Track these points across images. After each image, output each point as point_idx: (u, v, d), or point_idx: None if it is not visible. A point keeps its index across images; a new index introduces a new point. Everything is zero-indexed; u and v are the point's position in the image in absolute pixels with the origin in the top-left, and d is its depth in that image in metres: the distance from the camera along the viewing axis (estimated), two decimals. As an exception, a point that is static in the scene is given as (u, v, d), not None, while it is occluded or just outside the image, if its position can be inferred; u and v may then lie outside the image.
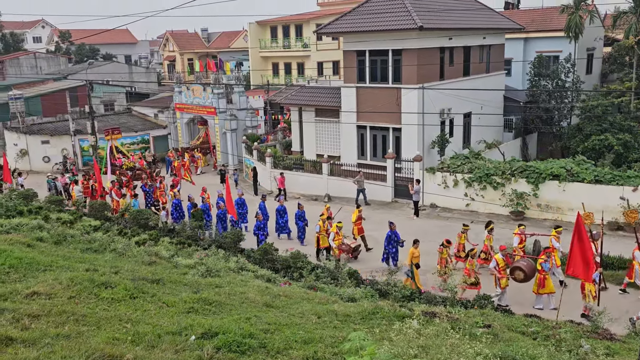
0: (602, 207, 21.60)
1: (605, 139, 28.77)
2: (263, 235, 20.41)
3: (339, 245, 18.73)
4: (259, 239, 20.13)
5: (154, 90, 56.86)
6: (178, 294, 9.22)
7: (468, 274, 15.62)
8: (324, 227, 19.53)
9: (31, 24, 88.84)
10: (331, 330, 8.02)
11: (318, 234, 19.68)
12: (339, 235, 18.76)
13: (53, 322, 7.05)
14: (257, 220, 20.56)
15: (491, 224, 18.32)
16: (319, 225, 19.63)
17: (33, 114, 43.04)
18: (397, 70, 26.53)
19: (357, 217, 20.44)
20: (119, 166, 30.14)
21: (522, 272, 14.81)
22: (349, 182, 27.24)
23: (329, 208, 20.98)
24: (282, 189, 27.94)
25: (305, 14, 52.66)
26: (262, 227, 20.57)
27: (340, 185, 27.78)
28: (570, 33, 32.96)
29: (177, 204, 23.63)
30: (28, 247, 11.45)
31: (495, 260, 15.23)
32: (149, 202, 26.51)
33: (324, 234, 19.46)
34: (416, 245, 16.41)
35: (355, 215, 20.51)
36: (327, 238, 19.29)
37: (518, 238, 17.42)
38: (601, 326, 10.48)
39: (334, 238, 18.65)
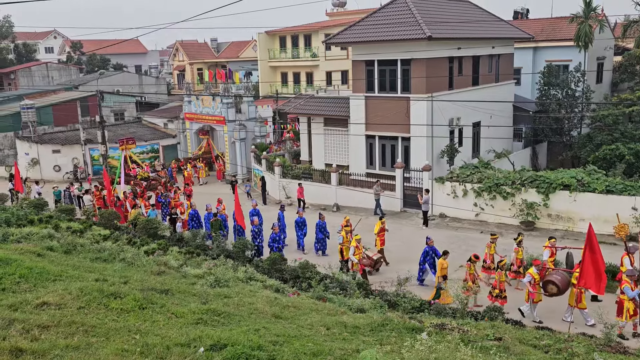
0: (613, 217, 21.46)
1: (617, 148, 28.55)
2: (277, 248, 19.68)
3: (360, 259, 18.07)
4: (273, 252, 19.23)
5: (164, 99, 57.24)
6: (187, 304, 9.20)
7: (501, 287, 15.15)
8: (347, 238, 19.05)
9: (43, 34, 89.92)
10: (340, 342, 7.97)
11: (341, 245, 19.12)
12: (359, 249, 18.05)
13: (62, 333, 7.06)
14: (272, 232, 19.91)
15: (520, 235, 17.69)
16: (342, 236, 19.18)
17: (44, 123, 43.46)
18: (406, 80, 26.53)
19: (379, 229, 19.81)
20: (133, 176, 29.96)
21: (555, 285, 14.19)
22: (357, 192, 27.18)
23: (348, 220, 20.27)
24: (302, 200, 27.42)
25: (314, 24, 52.87)
26: (278, 239, 19.88)
27: (348, 194, 27.72)
28: (580, 42, 32.86)
29: (194, 214, 23.22)
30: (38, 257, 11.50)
31: (530, 274, 14.58)
32: (165, 212, 26.20)
33: (347, 245, 18.87)
34: (445, 256, 15.93)
35: (377, 227, 19.86)
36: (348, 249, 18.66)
37: (548, 251, 16.65)
38: (614, 339, 10.34)
39: (354, 252, 17.96)
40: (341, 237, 19.24)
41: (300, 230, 21.53)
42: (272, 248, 19.57)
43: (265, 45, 53.93)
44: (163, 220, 25.10)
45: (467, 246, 21.33)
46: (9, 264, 9.93)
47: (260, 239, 20.37)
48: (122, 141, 31.24)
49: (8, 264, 9.93)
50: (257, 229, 20.45)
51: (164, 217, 25.64)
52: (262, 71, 54.44)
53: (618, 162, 28.05)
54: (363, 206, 26.91)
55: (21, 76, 64.37)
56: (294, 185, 29.71)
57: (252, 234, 20.43)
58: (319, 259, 19.74)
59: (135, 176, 30.00)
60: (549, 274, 14.95)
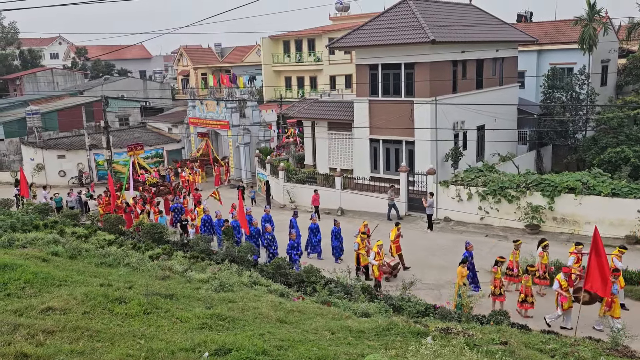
0: (619, 220, 21.39)
1: (622, 151, 28.44)
2: (297, 255, 19.29)
3: (380, 265, 17.68)
4: (292, 259, 18.91)
5: (168, 104, 57.42)
6: (191, 309, 9.20)
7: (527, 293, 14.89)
8: (362, 245, 18.65)
9: (48, 40, 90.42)
10: (345, 346, 7.94)
11: (357, 252, 18.74)
12: (380, 255, 17.68)
13: (67, 338, 7.06)
14: (290, 239, 19.44)
15: (545, 241, 17.23)
16: (357, 242, 18.79)
17: (49, 129, 43.65)
18: (409, 83, 26.54)
19: (395, 235, 19.51)
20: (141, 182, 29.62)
21: (587, 293, 13.69)
22: (362, 196, 27.16)
23: (366, 225, 19.95)
24: (316, 207, 26.73)
25: (318, 28, 52.99)
26: (296, 246, 19.43)
27: (353, 199, 27.70)
28: (584, 45, 32.79)
29: (207, 219, 22.78)
30: (43, 262, 11.53)
31: (558, 281, 14.27)
32: (176, 219, 25.63)
33: (363, 252, 18.55)
34: (464, 264, 15.58)
35: (394, 233, 19.56)
36: (366, 256, 18.42)
37: (574, 257, 16.09)
38: (621, 343, 10.26)
39: (375, 258, 17.56)
40: (357, 243, 18.80)
41: (314, 236, 21.04)
42: (291, 255, 18.99)
43: (269, 50, 54.07)
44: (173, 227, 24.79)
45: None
46: (14, 269, 9.95)
47: (274, 246, 19.85)
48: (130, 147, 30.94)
49: (13, 269, 9.95)
50: (270, 236, 19.92)
51: (175, 224, 25.24)
52: (266, 76, 54.56)
53: (623, 164, 27.93)
54: (367, 210, 26.87)
55: (26, 82, 64.73)
56: (298, 190, 29.73)
57: (267, 242, 19.95)
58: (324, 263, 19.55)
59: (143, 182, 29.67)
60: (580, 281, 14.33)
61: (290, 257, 18.89)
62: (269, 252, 19.52)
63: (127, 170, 29.30)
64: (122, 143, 41.18)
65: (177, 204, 26.35)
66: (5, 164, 43.62)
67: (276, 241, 20.01)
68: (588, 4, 33.42)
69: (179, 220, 24.56)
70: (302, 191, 29.71)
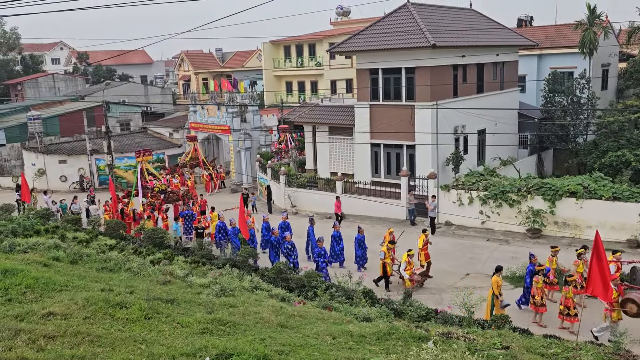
0: (620, 224, 21.37)
1: (623, 155, 28.44)
2: (324, 262, 18.66)
3: (411, 275, 17.13)
4: (320, 266, 18.39)
5: (169, 109, 57.55)
6: (192, 314, 9.19)
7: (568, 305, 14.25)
8: (389, 254, 18.10)
9: (50, 46, 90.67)
10: (346, 351, 7.93)
11: (383, 261, 18.09)
12: (410, 264, 17.08)
13: (68, 343, 7.05)
14: (317, 247, 18.87)
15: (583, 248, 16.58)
16: (384, 251, 18.15)
17: (51, 134, 43.78)
18: (410, 88, 26.58)
19: (424, 243, 18.92)
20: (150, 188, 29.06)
21: (635, 304, 13.07)
22: (362, 200, 27.16)
23: (392, 232, 19.30)
24: (340, 214, 26.25)
25: (319, 33, 53.11)
26: (323, 253, 18.79)
27: (354, 203, 27.69)
28: (584, 49, 32.85)
29: (222, 226, 22.19)
30: (44, 267, 11.52)
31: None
32: (188, 226, 25.04)
33: (389, 261, 18.03)
34: (499, 272, 15.00)
35: (421, 241, 18.96)
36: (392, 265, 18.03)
37: (614, 266, 15.50)
38: (623, 348, 10.23)
39: (406, 268, 16.95)
40: (383, 252, 18.17)
41: (337, 244, 20.35)
42: (319, 263, 18.47)
43: (269, 55, 54.19)
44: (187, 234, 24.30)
45: (473, 254, 21.28)
46: (15, 274, 9.95)
47: (295, 254, 19.44)
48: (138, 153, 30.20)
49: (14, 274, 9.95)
50: (290, 245, 19.43)
51: (189, 231, 24.77)
52: (267, 80, 54.67)
53: (624, 168, 27.94)
54: (368, 214, 26.86)
55: (28, 87, 64.94)
56: (299, 194, 29.74)
57: (286, 251, 19.45)
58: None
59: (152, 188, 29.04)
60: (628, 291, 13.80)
61: (318, 264, 18.45)
62: (290, 262, 18.94)
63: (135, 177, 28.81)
64: (124, 148, 41.26)
65: (187, 210, 25.83)
66: (7, 169, 43.70)
67: (296, 250, 19.59)
68: (588, 8, 33.51)
69: (196, 229, 23.67)
70: (303, 196, 29.73)
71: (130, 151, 40.70)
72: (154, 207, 26.27)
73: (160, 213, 25.65)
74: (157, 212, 25.78)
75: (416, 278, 17.27)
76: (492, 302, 14.60)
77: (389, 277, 18.11)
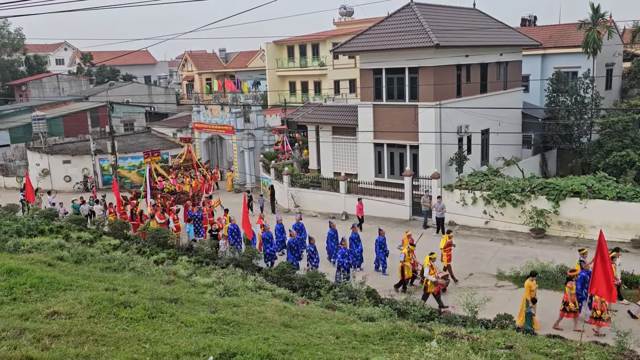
0: (624, 224, 21.31)
1: (627, 155, 28.35)
2: (348, 264, 18.29)
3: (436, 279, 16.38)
4: (345, 268, 18.06)
5: (173, 109, 57.66)
6: (196, 313, 9.21)
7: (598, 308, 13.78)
8: (409, 256, 17.66)
9: (54, 46, 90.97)
10: (350, 351, 7.94)
11: (402, 263, 17.65)
12: (434, 268, 16.38)
13: (73, 342, 7.09)
14: (341, 247, 18.43)
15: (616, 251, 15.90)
16: (404, 253, 17.67)
17: (55, 134, 43.92)
18: (413, 88, 26.55)
19: (446, 244, 18.42)
20: (160, 189, 28.75)
21: None
22: (366, 200, 27.13)
23: (410, 235, 18.75)
24: (361, 217, 25.45)
25: (322, 33, 53.11)
26: (347, 254, 18.38)
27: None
28: (588, 49, 32.77)
29: (234, 228, 21.91)
30: (49, 267, 11.57)
31: None
32: (198, 227, 24.89)
33: (409, 264, 17.62)
34: (533, 277, 14.48)
35: (444, 242, 18.50)
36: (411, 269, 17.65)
37: None
38: (627, 348, 10.21)
39: (430, 272, 16.20)
40: (403, 254, 17.70)
41: (355, 247, 19.72)
42: (343, 264, 18.07)
43: (273, 55, 54.23)
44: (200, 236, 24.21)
45: (476, 254, 21.25)
46: (20, 273, 10.01)
47: (316, 257, 19.05)
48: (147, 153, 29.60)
49: (19, 273, 10.01)
50: (312, 247, 18.96)
51: (200, 233, 24.69)
52: (270, 80, 54.70)
53: (628, 168, 27.86)
54: (372, 214, 26.84)
55: (32, 88, 65.16)
56: (303, 194, 29.76)
57: (308, 254, 19.12)
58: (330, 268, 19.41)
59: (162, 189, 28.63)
60: None
61: (341, 265, 18.12)
62: (312, 265, 18.66)
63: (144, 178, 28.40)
64: (127, 148, 41.36)
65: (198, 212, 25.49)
66: (12, 170, 43.85)
67: (318, 253, 19.28)
68: (592, 8, 33.42)
69: (210, 231, 23.34)
70: (306, 196, 29.75)
71: (134, 151, 40.84)
72: (165, 208, 25.86)
73: (170, 214, 25.32)
74: (168, 213, 25.40)
75: (441, 282, 16.56)
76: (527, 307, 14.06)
77: (408, 280, 17.64)
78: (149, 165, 28.19)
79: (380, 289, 16.87)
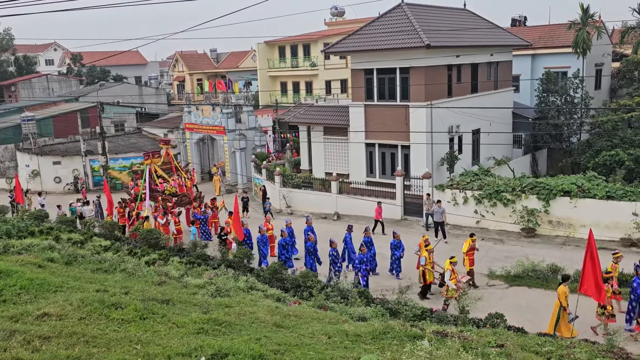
0: (614, 223, 21.49)
1: (616, 154, 28.59)
2: (365, 270, 17.83)
3: (456, 284, 15.96)
4: (362, 274, 17.63)
5: (164, 110, 57.39)
6: (188, 314, 9.19)
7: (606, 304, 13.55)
8: (429, 260, 17.25)
9: (43, 47, 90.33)
10: (342, 350, 7.95)
11: (424, 267, 17.13)
12: (455, 273, 15.99)
13: (63, 343, 7.05)
14: (360, 253, 17.96)
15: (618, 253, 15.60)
16: (425, 257, 17.12)
17: (45, 135, 43.60)
18: (405, 88, 26.63)
19: (469, 247, 17.92)
20: (161, 192, 27.69)
21: None
22: (357, 200, 27.21)
23: (426, 239, 18.12)
24: (379, 221, 24.42)
25: (313, 33, 53.14)
26: (365, 260, 17.91)
27: (349, 203, 27.73)
28: (578, 49, 33.02)
29: (245, 233, 21.43)
30: (39, 268, 11.51)
31: None
32: (204, 231, 24.56)
33: (430, 268, 17.27)
34: (565, 282, 13.78)
35: (467, 245, 17.98)
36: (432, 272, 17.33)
37: None
38: (617, 345, 10.29)
39: (451, 277, 15.83)
40: (424, 257, 17.15)
41: (368, 250, 19.06)
42: (360, 270, 17.69)
43: (264, 55, 54.18)
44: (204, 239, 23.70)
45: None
46: (10, 275, 9.94)
47: (339, 262, 18.59)
48: (147, 155, 28.68)
49: (9, 275, 9.94)
50: (335, 252, 18.40)
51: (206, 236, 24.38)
52: (262, 81, 54.65)
53: (618, 167, 28.09)
54: (363, 214, 26.89)
55: (22, 88, 64.65)
56: (295, 195, 29.75)
57: (332, 258, 18.47)
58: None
59: (162, 191, 28.13)
60: None
61: (359, 271, 17.68)
62: (334, 270, 18.19)
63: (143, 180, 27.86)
64: (118, 149, 41.15)
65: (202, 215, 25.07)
66: (1, 171, 43.51)
67: (340, 257, 18.86)
68: (582, 8, 33.67)
69: (219, 235, 22.74)
70: (298, 196, 29.75)
71: (125, 152, 40.63)
72: (166, 211, 25.41)
73: (173, 217, 24.99)
74: (170, 216, 25.02)
75: (462, 286, 16.09)
76: (559, 315, 13.48)
77: (429, 285, 17.23)
78: (149, 166, 27.79)
79: (373, 289, 16.95)
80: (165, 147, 32.27)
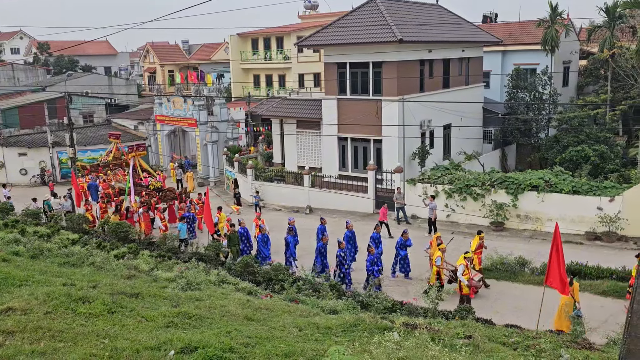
0: (579, 217, 22.02)
1: (582, 150, 29.26)
2: (378, 271, 17.14)
3: (469, 281, 15.44)
4: (374, 276, 16.83)
5: (134, 102, 56.44)
6: (157, 308, 9.10)
7: None
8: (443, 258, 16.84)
9: (9, 35, 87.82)
10: (312, 343, 7.98)
11: (439, 268, 16.72)
12: (468, 269, 15.47)
13: (28, 338, 6.91)
14: (369, 254, 17.09)
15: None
16: (440, 256, 16.68)
17: (10, 125, 42.44)
18: (377, 82, 26.74)
19: (477, 245, 17.58)
20: (145, 186, 26.87)
21: None
22: (330, 194, 27.27)
23: (439, 237, 17.70)
24: (384, 223, 23.10)
25: (287, 26, 52.86)
26: (376, 261, 17.14)
27: (321, 197, 27.77)
28: (546, 46, 33.67)
29: (242, 232, 20.36)
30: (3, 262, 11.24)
31: None
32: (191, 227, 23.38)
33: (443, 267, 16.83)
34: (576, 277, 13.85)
35: (475, 243, 17.64)
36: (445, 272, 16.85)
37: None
38: (581, 336, 10.57)
39: (464, 272, 15.39)
40: (439, 257, 16.72)
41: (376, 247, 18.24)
42: (372, 272, 16.91)
43: (237, 47, 53.70)
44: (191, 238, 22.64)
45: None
46: (-27, 269, 9.68)
47: (347, 264, 17.62)
48: (131, 148, 27.85)
49: (-29, 269, 9.69)
50: (343, 252, 17.49)
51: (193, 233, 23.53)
52: (234, 73, 54.20)
53: (584, 163, 28.76)
54: (336, 208, 26.97)
55: (-14, 77, 62.72)
56: (267, 188, 29.64)
57: (339, 259, 17.47)
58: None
59: (147, 186, 27.27)
60: None
61: (371, 273, 16.91)
62: (341, 271, 17.33)
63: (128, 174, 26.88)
64: (87, 141, 40.36)
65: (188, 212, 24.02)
66: (-37, 162, 42.21)
67: (349, 258, 18.12)
68: (551, 6, 34.30)
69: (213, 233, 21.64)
70: (270, 189, 29.66)
71: (94, 144, 39.86)
72: (149, 206, 24.62)
73: (158, 213, 24.26)
74: (153, 212, 24.25)
75: (474, 284, 15.60)
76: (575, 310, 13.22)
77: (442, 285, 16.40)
78: (133, 160, 27.11)
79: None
80: (115, 142, 31.50)
